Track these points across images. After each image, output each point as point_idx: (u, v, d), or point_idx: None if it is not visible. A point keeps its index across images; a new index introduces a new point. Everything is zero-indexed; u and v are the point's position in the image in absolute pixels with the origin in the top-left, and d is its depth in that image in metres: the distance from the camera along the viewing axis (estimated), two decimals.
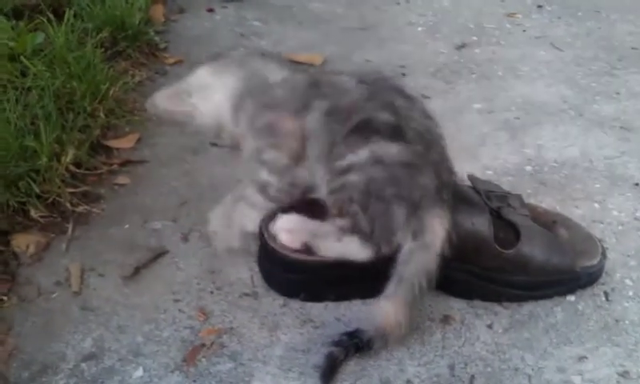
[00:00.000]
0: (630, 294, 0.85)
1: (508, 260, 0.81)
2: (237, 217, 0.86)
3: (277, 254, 0.80)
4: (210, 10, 1.64)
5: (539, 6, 1.81)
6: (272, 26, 1.59)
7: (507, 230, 0.83)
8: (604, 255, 0.86)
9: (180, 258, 0.87)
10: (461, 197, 0.81)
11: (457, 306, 0.82)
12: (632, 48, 1.60)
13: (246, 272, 0.85)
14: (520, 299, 0.83)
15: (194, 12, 1.64)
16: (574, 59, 1.50)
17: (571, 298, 0.84)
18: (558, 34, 1.64)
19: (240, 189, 0.86)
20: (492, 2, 1.81)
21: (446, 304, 0.82)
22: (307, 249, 0.79)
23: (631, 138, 1.20)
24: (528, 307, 0.82)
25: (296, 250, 0.79)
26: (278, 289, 0.82)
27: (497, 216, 0.84)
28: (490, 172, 1.07)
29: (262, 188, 0.83)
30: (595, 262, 0.85)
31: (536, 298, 0.83)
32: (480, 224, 0.80)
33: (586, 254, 0.85)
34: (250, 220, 0.84)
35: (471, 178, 0.90)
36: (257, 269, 0.85)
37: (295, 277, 0.81)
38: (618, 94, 1.37)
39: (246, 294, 0.82)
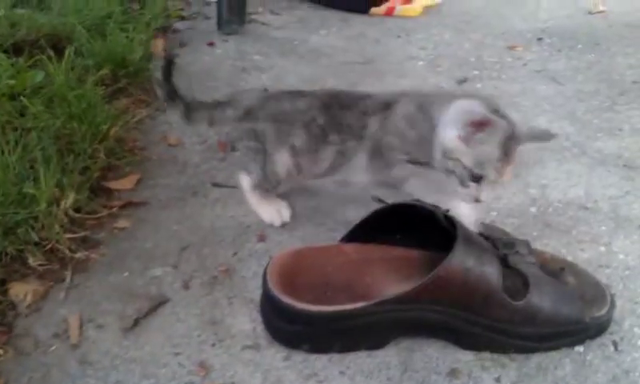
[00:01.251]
0: None
1: (517, 311, 0.79)
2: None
3: (282, 305, 0.78)
4: (211, 44, 1.64)
5: (539, 39, 1.81)
6: (273, 59, 1.59)
7: (515, 279, 0.82)
8: (612, 304, 0.85)
9: (180, 308, 0.85)
10: (471, 243, 0.80)
11: (464, 359, 0.80)
12: (633, 82, 1.60)
13: (248, 322, 0.83)
14: (528, 351, 0.81)
15: (194, 46, 1.64)
16: (575, 94, 1.50)
17: (579, 348, 0.82)
18: (558, 68, 1.64)
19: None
20: (493, 34, 1.82)
21: (453, 356, 0.80)
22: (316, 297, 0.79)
23: (635, 176, 1.19)
24: (536, 359, 0.80)
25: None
26: (282, 340, 0.80)
27: (504, 264, 0.82)
28: (494, 213, 1.06)
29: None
30: (604, 311, 0.83)
31: (544, 350, 0.81)
32: (489, 273, 0.79)
33: (595, 303, 0.84)
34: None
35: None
36: (259, 319, 0.83)
37: (300, 328, 0.79)
38: (620, 130, 1.36)
39: (248, 347, 0.80)
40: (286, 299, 0.78)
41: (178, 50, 1.61)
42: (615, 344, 0.83)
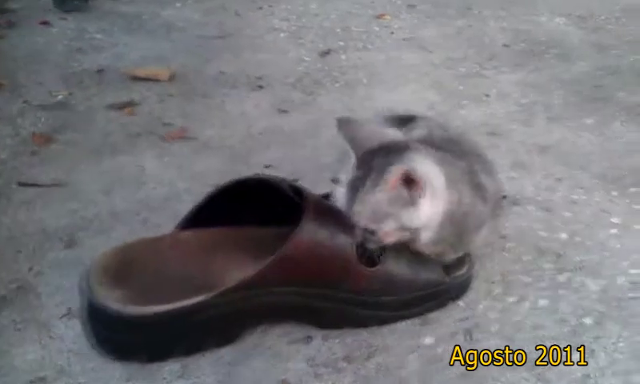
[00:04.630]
0: (495, 329, 0.75)
1: (374, 278, 0.72)
2: None
3: (105, 312, 0.66)
4: (45, 23, 1.45)
5: (410, 6, 1.73)
6: (117, 37, 1.42)
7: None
8: (472, 262, 0.80)
9: None
10: (322, 214, 0.71)
11: (294, 367, 0.69)
12: (503, 45, 1.55)
13: (38, 350, 0.69)
14: (392, 320, 0.74)
15: (25, 26, 1.45)
16: (443, 61, 1.43)
17: (430, 340, 0.73)
18: (427, 35, 1.56)
19: None
20: (361, 3, 1.72)
21: (284, 365, 0.69)
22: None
23: (500, 143, 1.12)
24: (377, 359, 0.70)
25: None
26: (112, 351, 0.67)
27: None
28: None
29: None
30: (464, 270, 0.78)
31: (408, 317, 0.74)
32: (344, 244, 0.70)
33: (454, 263, 0.78)
34: None
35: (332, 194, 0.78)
36: (52, 344, 0.69)
37: (131, 337, 0.67)
38: (487, 96, 1.30)
39: (33, 381, 0.65)
40: (110, 303, 0.66)
41: (5, 31, 1.41)
42: (469, 333, 0.75)
